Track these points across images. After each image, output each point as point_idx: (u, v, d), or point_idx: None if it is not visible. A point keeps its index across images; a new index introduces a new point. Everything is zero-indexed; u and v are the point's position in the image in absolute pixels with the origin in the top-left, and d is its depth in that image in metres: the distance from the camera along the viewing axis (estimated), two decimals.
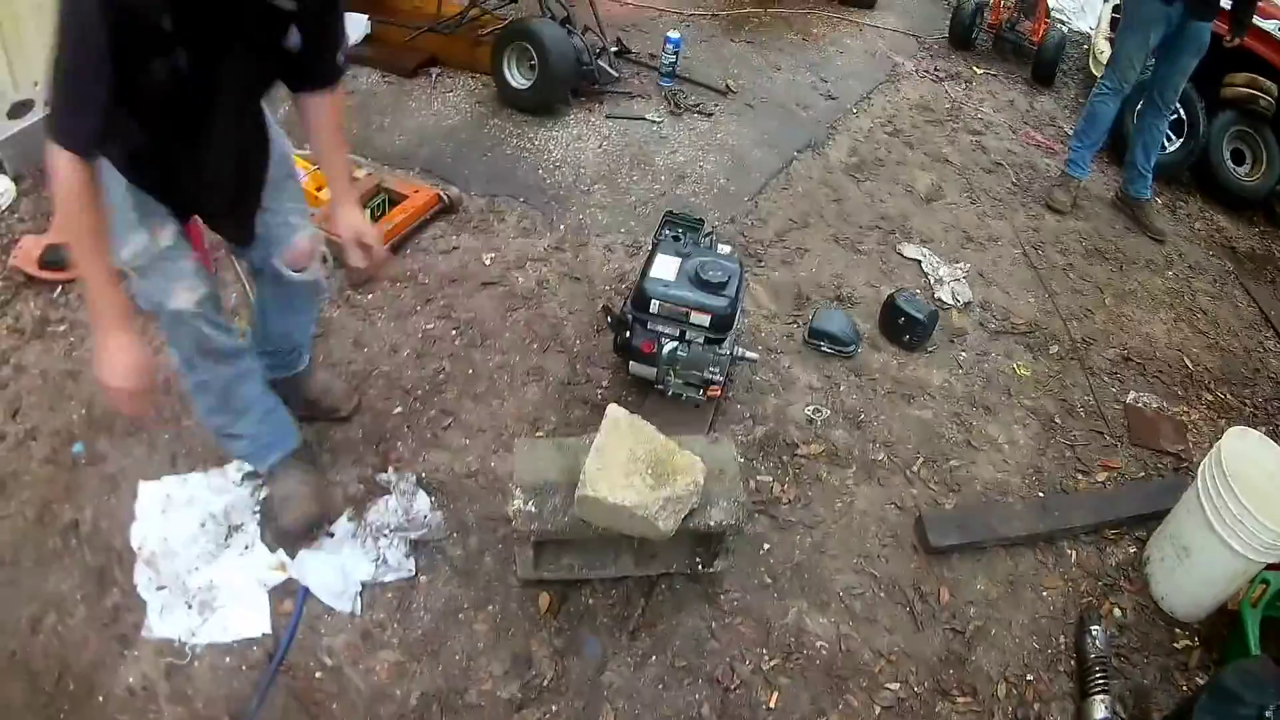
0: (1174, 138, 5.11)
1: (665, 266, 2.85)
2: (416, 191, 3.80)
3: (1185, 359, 3.87)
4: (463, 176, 4.11)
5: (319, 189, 3.73)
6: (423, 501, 2.66)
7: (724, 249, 3.05)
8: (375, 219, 3.67)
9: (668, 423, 2.43)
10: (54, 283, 3.16)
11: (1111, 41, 5.11)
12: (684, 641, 2.45)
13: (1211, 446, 2.69)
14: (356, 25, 4.91)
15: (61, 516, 2.50)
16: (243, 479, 2.65)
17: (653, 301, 2.79)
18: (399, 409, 2.96)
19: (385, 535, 2.56)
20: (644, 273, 2.85)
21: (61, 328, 3.03)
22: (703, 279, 2.77)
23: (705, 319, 2.77)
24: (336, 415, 2.84)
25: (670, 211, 3.35)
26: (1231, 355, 4.03)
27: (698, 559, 2.49)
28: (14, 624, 2.27)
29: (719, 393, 2.91)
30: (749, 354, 2.99)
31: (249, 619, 2.34)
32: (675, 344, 2.82)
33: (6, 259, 3.21)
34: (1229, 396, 3.73)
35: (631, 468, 2.19)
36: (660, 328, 2.83)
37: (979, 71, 5.93)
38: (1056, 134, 5.44)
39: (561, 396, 3.08)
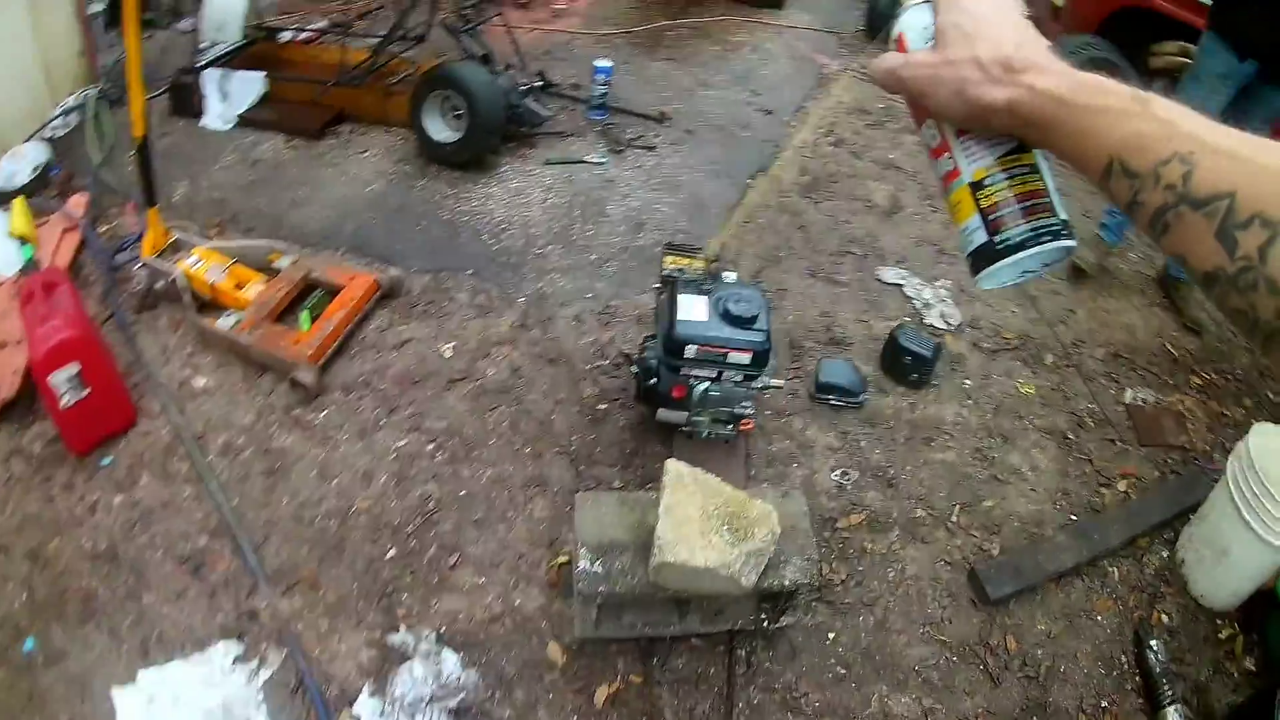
0: None
1: (692, 306, 2.60)
2: (352, 279, 3.36)
3: (1167, 345, 3.78)
4: (398, 252, 3.68)
5: (239, 286, 3.29)
6: (451, 661, 2.32)
7: (729, 276, 2.78)
8: (313, 319, 3.22)
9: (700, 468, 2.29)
10: None
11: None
12: None
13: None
14: (253, 84, 4.40)
15: None
16: (233, 663, 2.24)
17: (689, 346, 2.54)
18: (392, 552, 2.57)
19: (420, 710, 2.21)
20: (671, 316, 2.58)
21: None
22: (733, 314, 2.55)
23: (745, 357, 2.57)
24: None
25: (669, 244, 3.09)
26: (1203, 333, 3.95)
27: (763, 615, 2.35)
28: None
29: (750, 425, 2.75)
30: (774, 381, 2.77)
31: None
32: (708, 384, 2.61)
33: None
34: (1213, 375, 3.65)
35: (707, 525, 2.07)
36: (695, 370, 2.61)
37: None
38: None
39: (573, 507, 2.73)
